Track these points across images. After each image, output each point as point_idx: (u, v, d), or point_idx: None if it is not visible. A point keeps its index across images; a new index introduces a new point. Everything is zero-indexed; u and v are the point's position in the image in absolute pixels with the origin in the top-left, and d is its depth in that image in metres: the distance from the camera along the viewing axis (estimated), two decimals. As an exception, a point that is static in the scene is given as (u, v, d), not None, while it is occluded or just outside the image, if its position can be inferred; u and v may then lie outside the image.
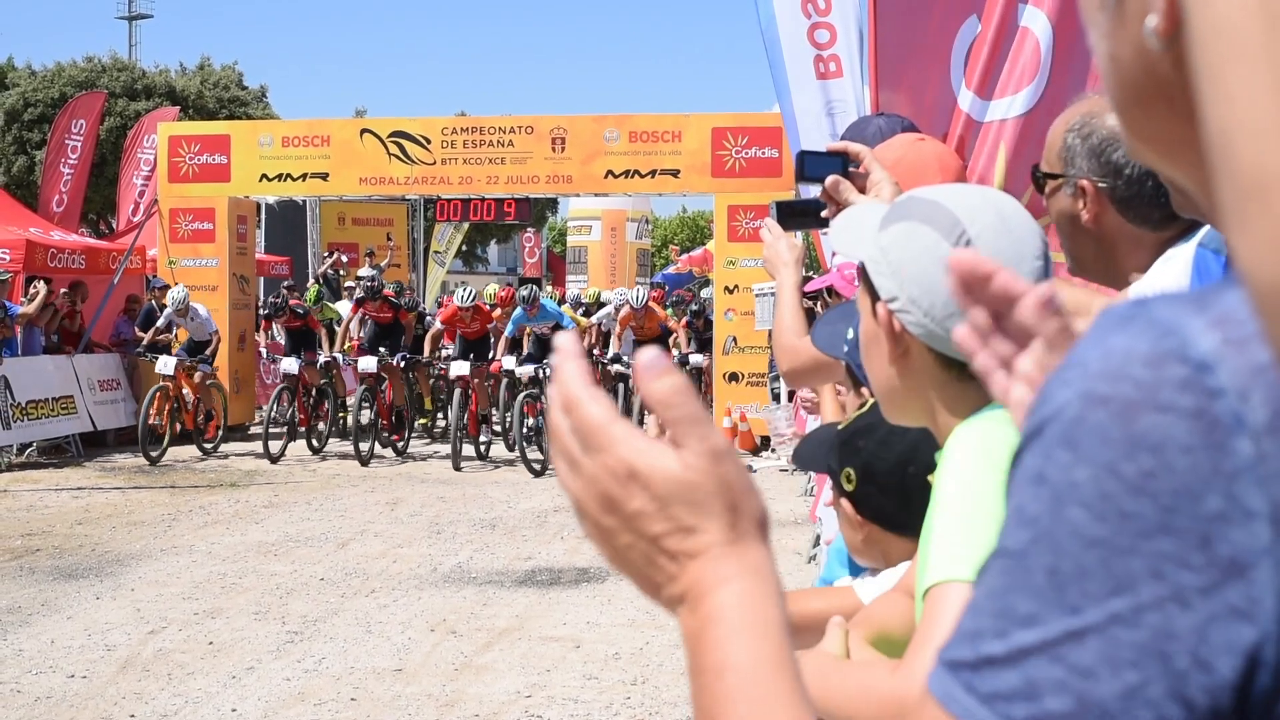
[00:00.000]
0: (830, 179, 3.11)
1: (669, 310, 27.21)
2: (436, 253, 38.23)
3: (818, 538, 10.11)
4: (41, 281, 21.60)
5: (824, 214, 3.33)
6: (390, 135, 24.12)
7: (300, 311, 22.78)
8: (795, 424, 8.38)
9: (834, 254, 5.72)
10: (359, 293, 23.20)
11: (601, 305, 28.56)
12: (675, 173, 23.20)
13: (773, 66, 17.35)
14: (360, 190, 24.93)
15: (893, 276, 2.15)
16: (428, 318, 25.62)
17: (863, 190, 3.11)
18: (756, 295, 20.27)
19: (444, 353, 24.24)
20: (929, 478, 2.32)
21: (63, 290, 22.80)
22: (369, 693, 8.87)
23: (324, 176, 24.27)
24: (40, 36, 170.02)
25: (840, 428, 3.11)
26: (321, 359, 22.65)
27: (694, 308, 25.96)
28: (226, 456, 21.89)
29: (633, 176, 23.51)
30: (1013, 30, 6.42)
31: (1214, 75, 0.83)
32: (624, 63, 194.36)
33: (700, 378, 24.17)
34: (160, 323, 22.40)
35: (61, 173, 32.89)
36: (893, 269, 2.15)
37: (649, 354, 1.19)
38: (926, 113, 7.04)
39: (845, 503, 2.98)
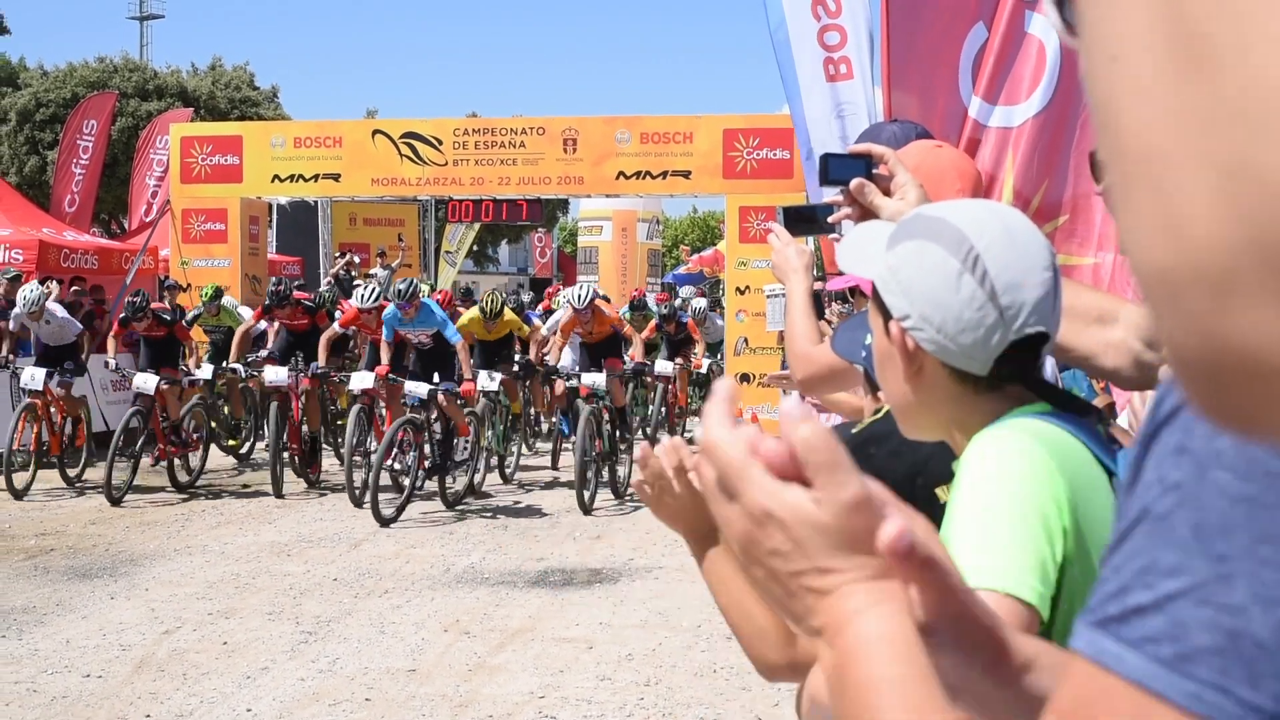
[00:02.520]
0: (855, 182, 3.11)
1: (627, 314, 23.32)
2: (448, 253, 38.26)
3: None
4: (54, 282, 21.66)
5: (846, 217, 3.34)
6: (402, 136, 24.18)
7: (166, 318, 18.61)
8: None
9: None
10: (266, 300, 19.40)
11: (638, 306, 25.76)
12: (686, 174, 23.23)
13: (782, 68, 17.36)
14: (372, 191, 25.00)
15: (903, 295, 2.18)
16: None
17: (887, 193, 3.11)
18: (768, 296, 20.23)
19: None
20: (937, 490, 2.35)
21: (73, 288, 22.82)
22: (384, 693, 8.93)
23: (336, 177, 24.34)
24: (52, 37, 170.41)
25: (853, 432, 3.13)
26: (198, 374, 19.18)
27: (663, 310, 24.31)
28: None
29: (644, 178, 23.55)
30: (1019, 37, 6.46)
31: (1095, 34, 0.75)
32: (635, 64, 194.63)
33: (665, 388, 23.26)
34: (12, 325, 19.12)
35: (73, 173, 32.98)
36: (902, 287, 2.18)
37: (792, 405, 1.24)
38: (938, 119, 7.07)
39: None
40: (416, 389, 16.09)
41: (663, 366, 22.87)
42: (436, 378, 16.46)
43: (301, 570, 12.88)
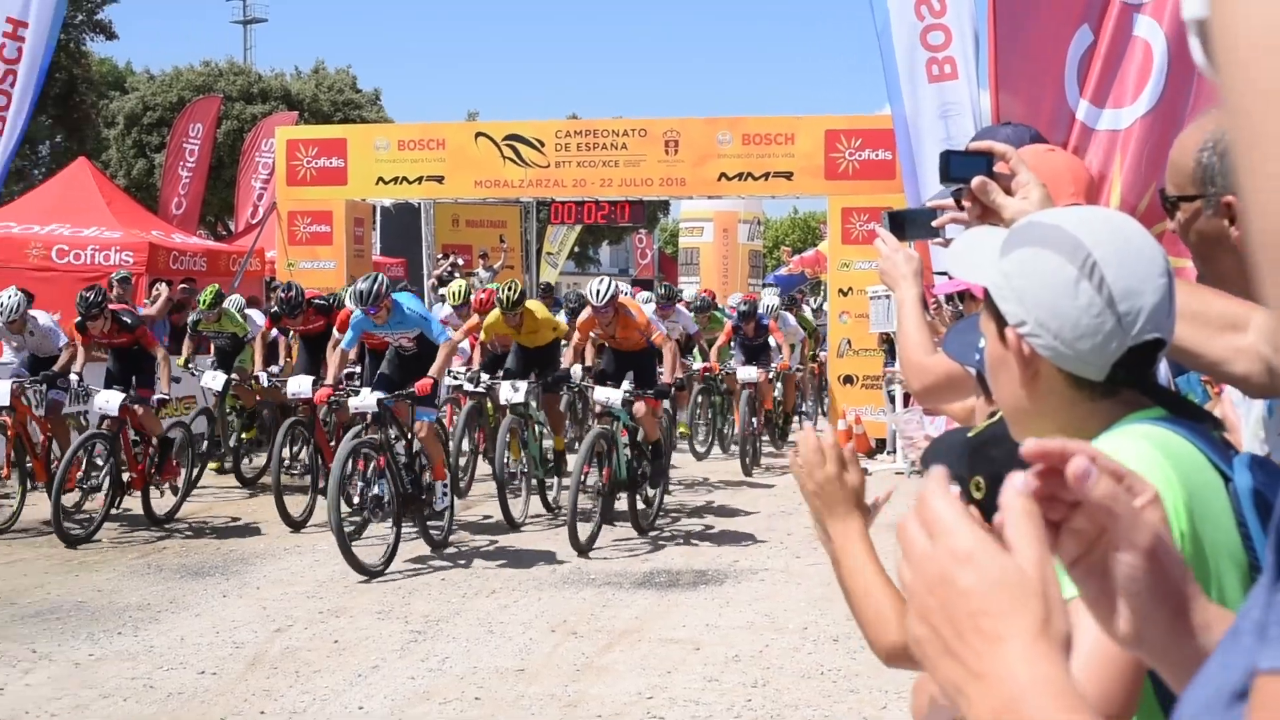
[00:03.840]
0: (977, 180, 3.09)
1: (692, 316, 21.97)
2: (549, 254, 38.43)
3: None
4: (163, 284, 21.95)
5: (955, 220, 3.35)
6: (505, 138, 24.32)
7: (127, 320, 15.77)
8: (929, 428, 8.43)
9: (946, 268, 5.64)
10: (273, 307, 17.79)
11: (703, 307, 23.11)
12: (788, 175, 23.22)
13: (886, 68, 17.32)
14: (475, 193, 25.17)
15: (1019, 302, 2.20)
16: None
17: (1008, 192, 3.10)
18: (871, 298, 20.26)
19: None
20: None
21: (181, 286, 23.08)
22: (493, 692, 9.01)
23: (440, 179, 24.53)
24: (158, 42, 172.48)
25: (971, 435, 3.15)
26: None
27: (743, 308, 21.65)
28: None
29: (745, 179, 23.56)
30: (1126, 40, 6.45)
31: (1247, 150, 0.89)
32: (736, 65, 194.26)
33: (751, 395, 20.43)
34: None
35: (180, 175, 33.44)
36: (1018, 294, 2.21)
37: (1017, 478, 1.35)
38: (1044, 122, 7.06)
39: (973, 510, 3.01)
40: (363, 402, 13.16)
41: (745, 373, 20.67)
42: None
43: (409, 570, 13.00)
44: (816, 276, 37.16)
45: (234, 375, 18.50)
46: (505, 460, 15.15)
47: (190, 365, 18.78)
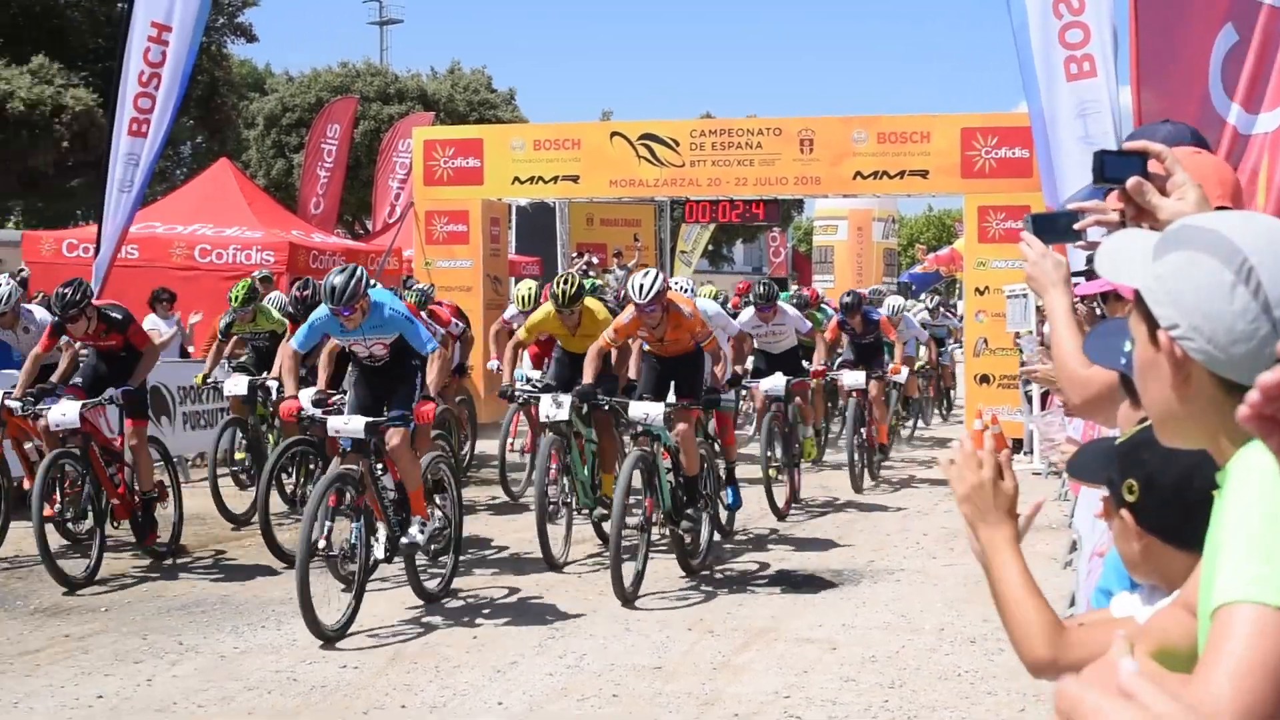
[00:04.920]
0: (1132, 181, 3.05)
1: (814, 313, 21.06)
2: (683, 253, 38.51)
3: (1074, 544, 10.06)
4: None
5: (1101, 222, 3.32)
6: (640, 138, 24.36)
7: (116, 317, 13.55)
8: (1070, 430, 8.34)
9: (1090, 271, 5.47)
10: (291, 307, 15.45)
11: (800, 306, 20.81)
12: (924, 173, 23.08)
13: (1022, 66, 17.20)
14: (610, 192, 25.25)
15: (1172, 305, 2.20)
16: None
17: (1162, 192, 3.06)
18: (1008, 297, 20.09)
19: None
20: (1214, 494, 2.37)
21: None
22: (630, 689, 9.07)
23: (575, 179, 24.62)
24: (297, 44, 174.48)
25: (1121, 439, 3.13)
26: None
27: (847, 300, 19.70)
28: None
29: (881, 178, 23.44)
30: (1277, 43, 6.39)
31: None
32: (870, 63, 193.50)
33: (859, 404, 18.67)
34: None
35: (318, 175, 33.84)
36: (1171, 298, 2.20)
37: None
38: (1190, 120, 6.99)
39: (1126, 514, 2.98)
40: (348, 426, 11.07)
41: (851, 378, 18.72)
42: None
43: (546, 567, 13.07)
44: (952, 275, 36.95)
45: (270, 379, 15.52)
46: (546, 487, 13.08)
47: (211, 381, 16.64)
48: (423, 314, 15.91)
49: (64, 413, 12.65)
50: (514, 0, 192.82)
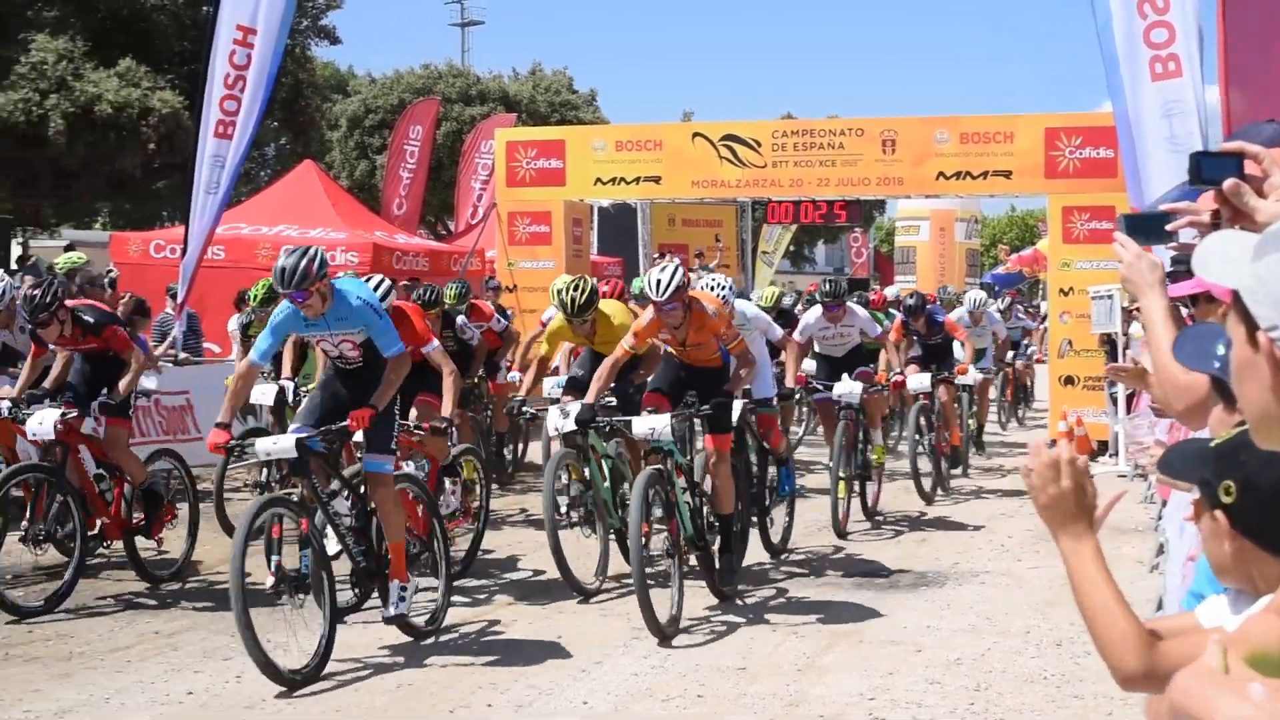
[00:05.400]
0: (1229, 182, 3.02)
1: (881, 314, 20.23)
2: (764, 253, 38.44)
3: (1160, 547, 10.00)
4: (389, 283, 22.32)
5: (1193, 224, 3.30)
6: (721, 139, 24.34)
7: (89, 320, 12.22)
8: (1158, 432, 8.29)
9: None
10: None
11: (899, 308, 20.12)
12: (1007, 174, 22.95)
13: (1106, 66, 17.10)
14: (692, 193, 25.24)
15: (1273, 306, 2.19)
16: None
17: (1260, 194, 3.03)
18: (1092, 298, 19.95)
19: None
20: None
21: (403, 285, 23.45)
22: (715, 690, 9.08)
23: (657, 180, 24.62)
24: (379, 46, 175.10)
25: (1219, 440, 3.11)
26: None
27: (910, 301, 18.87)
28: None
29: (964, 178, 23.32)
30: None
31: None
32: (951, 63, 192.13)
33: (922, 408, 17.84)
34: None
35: (401, 177, 34.02)
36: (1272, 298, 2.19)
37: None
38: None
39: (1220, 516, 2.96)
40: (277, 447, 9.68)
41: (916, 381, 17.69)
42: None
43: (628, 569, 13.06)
44: (1035, 275, 36.74)
45: (299, 384, 14.78)
46: (555, 504, 11.85)
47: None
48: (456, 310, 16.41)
49: (40, 422, 11.66)
50: (595, 1, 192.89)
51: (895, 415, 21.33)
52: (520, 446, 19.57)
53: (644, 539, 10.61)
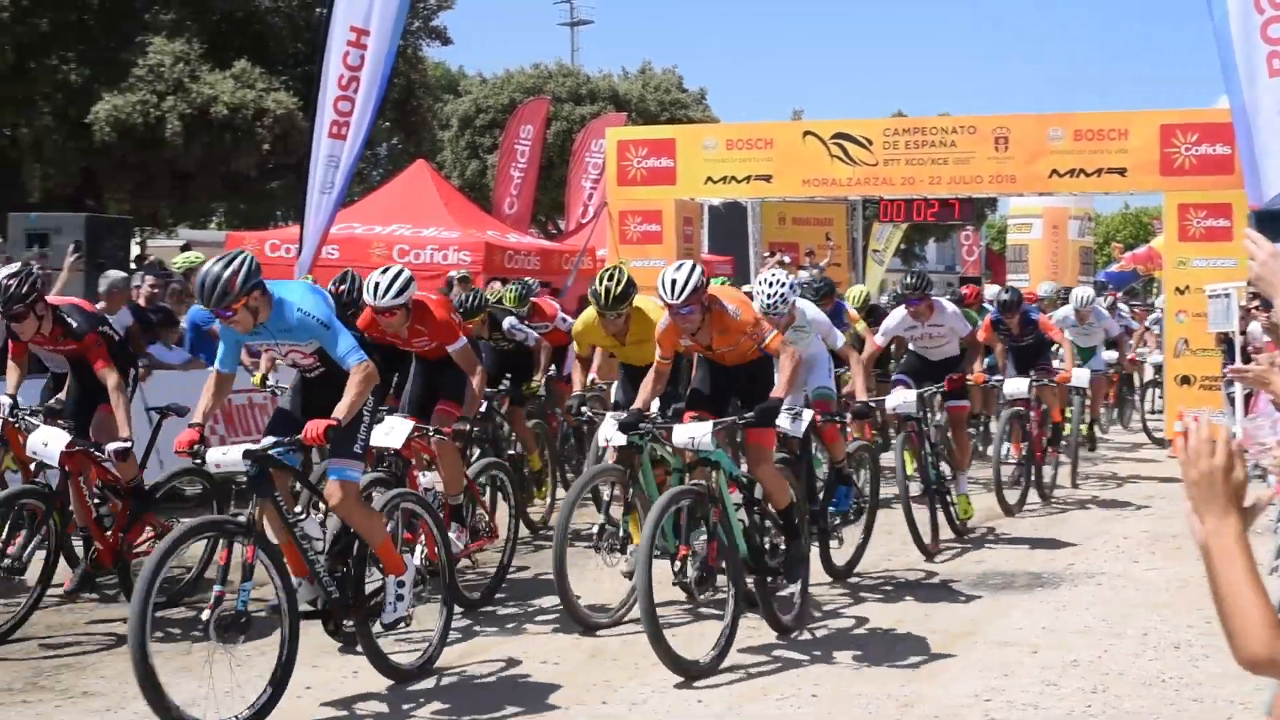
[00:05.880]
0: None
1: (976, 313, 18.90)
2: (875, 251, 38.26)
3: (1280, 549, 9.89)
4: (497, 283, 22.47)
5: None
6: (832, 137, 24.27)
7: (72, 324, 10.92)
8: (1277, 433, 8.19)
9: None
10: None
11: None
12: (1121, 171, 22.73)
13: (1223, 62, 16.93)
14: (803, 191, 25.18)
15: None
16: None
17: None
18: (1209, 296, 19.70)
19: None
20: None
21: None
22: (829, 690, 9.06)
23: (767, 178, 24.59)
24: (489, 46, 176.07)
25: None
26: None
27: (1004, 297, 17.34)
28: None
29: (1078, 175, 23.12)
30: None
31: None
32: (1065, 59, 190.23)
33: (1015, 415, 16.65)
34: None
35: (512, 176, 34.24)
36: None
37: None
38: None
39: None
40: (225, 458, 8.49)
41: (1011, 386, 16.47)
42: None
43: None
44: (1149, 273, 36.33)
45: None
46: (568, 525, 10.54)
47: (271, 384, 13.97)
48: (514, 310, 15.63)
49: (45, 442, 10.38)
50: (704, 0, 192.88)
51: (980, 424, 19.63)
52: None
53: (679, 562, 9.84)
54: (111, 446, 10.48)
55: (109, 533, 10.96)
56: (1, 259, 14.25)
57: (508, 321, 15.41)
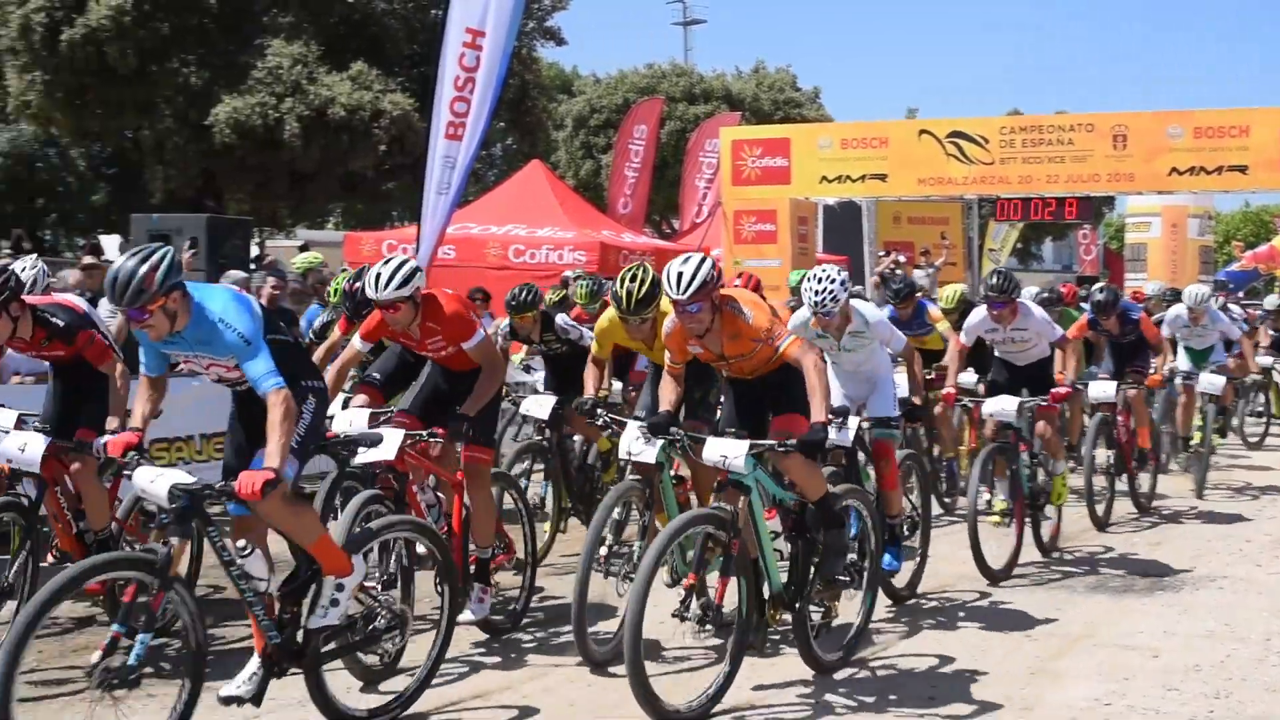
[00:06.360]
0: None
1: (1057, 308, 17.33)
2: (991, 250, 38.06)
3: None
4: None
5: None
6: (948, 135, 24.19)
7: (58, 323, 9.96)
8: None
9: None
10: (343, 303, 12.85)
11: (1051, 301, 17.71)
12: (1243, 169, 22.50)
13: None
14: (918, 190, 25.10)
15: None
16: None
17: None
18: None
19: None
20: None
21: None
22: (947, 692, 8.99)
23: (882, 177, 24.55)
24: (603, 46, 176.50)
25: None
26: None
27: (1100, 296, 15.96)
28: None
29: (1198, 173, 22.92)
30: None
31: None
32: (1184, 56, 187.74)
33: (1103, 420, 15.41)
34: None
35: (626, 176, 34.31)
36: None
37: None
38: None
39: None
40: (153, 486, 7.33)
41: (1098, 389, 15.23)
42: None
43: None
44: (1271, 272, 35.83)
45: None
46: (595, 556, 9.40)
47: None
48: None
49: (23, 446, 9.46)
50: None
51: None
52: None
53: (689, 591, 8.57)
54: (102, 440, 7.97)
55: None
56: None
57: (560, 318, 14.64)
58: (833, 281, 10.60)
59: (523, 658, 9.89)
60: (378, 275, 9.56)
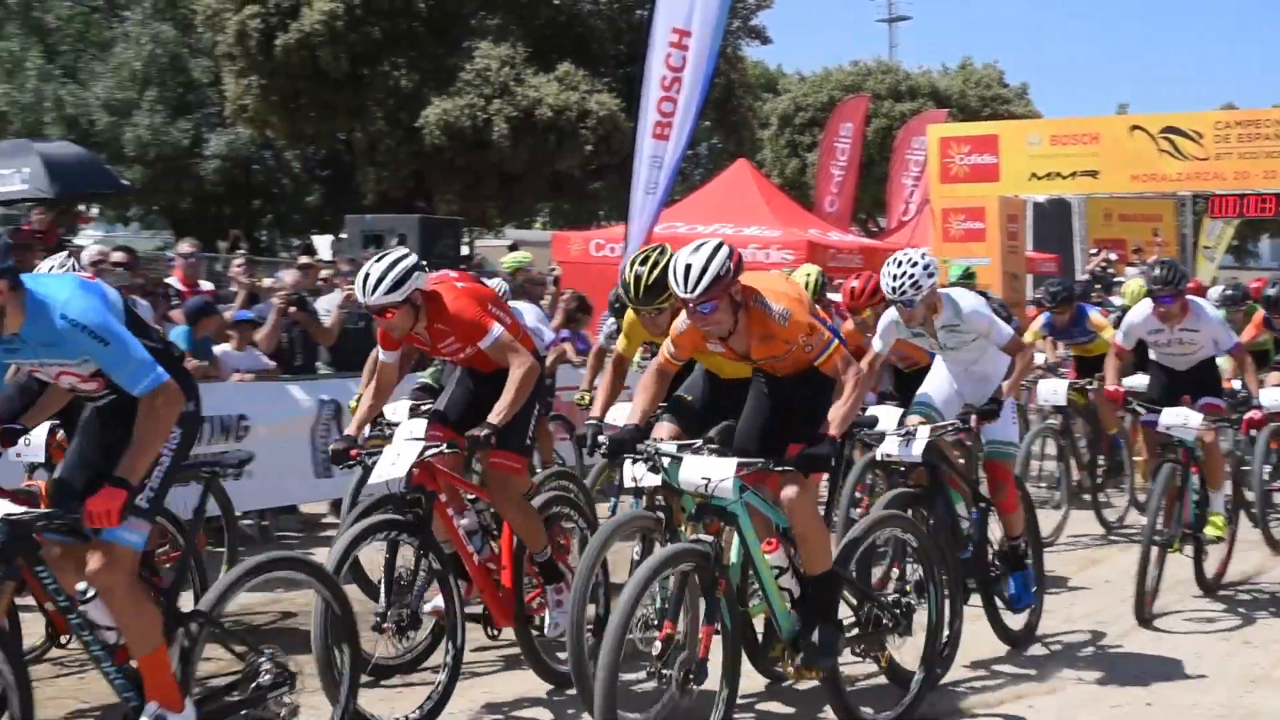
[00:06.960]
0: None
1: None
2: (1205, 248, 37.27)
3: None
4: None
5: None
6: (1161, 131, 23.73)
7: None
8: None
9: None
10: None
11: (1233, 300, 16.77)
12: None
13: None
14: (1130, 187, 24.68)
15: None
16: None
17: None
18: None
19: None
20: None
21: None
22: (1164, 698, 8.87)
23: (1093, 174, 24.15)
24: (807, 44, 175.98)
25: None
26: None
27: (1271, 292, 14.00)
28: None
29: None
30: None
31: None
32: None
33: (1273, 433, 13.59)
34: None
35: (832, 174, 34.24)
36: None
37: None
38: None
39: None
40: None
41: (1270, 397, 13.23)
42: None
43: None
44: None
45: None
46: (585, 601, 7.66)
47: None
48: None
49: (28, 441, 8.93)
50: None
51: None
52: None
53: (660, 644, 7.09)
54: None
55: None
56: (344, 259, 14.67)
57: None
58: (914, 265, 9.37)
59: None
60: (366, 276, 8.31)
